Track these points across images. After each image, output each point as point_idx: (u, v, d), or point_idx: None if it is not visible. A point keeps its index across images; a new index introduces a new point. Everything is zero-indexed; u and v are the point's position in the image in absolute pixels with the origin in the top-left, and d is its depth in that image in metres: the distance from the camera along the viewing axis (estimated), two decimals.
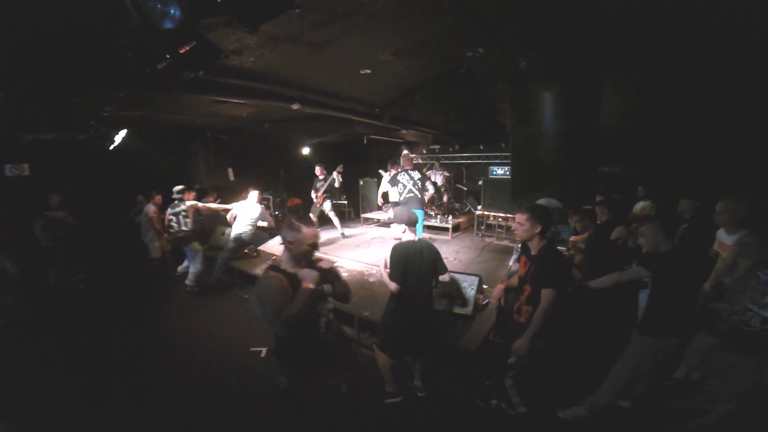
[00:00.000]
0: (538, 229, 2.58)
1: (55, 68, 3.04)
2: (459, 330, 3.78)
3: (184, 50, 1.96)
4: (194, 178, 7.25)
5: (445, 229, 7.54)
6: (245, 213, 5.64)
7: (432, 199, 8.45)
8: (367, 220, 8.71)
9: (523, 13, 3.03)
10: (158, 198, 6.08)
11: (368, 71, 4.16)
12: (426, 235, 7.79)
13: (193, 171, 7.31)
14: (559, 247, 4.67)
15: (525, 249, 2.78)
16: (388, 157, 9.85)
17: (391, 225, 2.99)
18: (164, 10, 1.51)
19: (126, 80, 3.22)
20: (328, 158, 7.81)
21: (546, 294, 2.48)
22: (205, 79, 3.58)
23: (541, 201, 3.37)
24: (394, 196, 6.75)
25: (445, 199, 8.16)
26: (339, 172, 7.17)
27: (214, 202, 6.60)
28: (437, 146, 9.09)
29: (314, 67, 3.91)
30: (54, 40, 2.69)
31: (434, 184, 8.69)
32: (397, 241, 2.91)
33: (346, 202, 9.29)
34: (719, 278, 3.08)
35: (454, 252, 6.40)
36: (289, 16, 2.75)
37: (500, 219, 7.15)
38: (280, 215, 8.43)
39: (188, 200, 5.51)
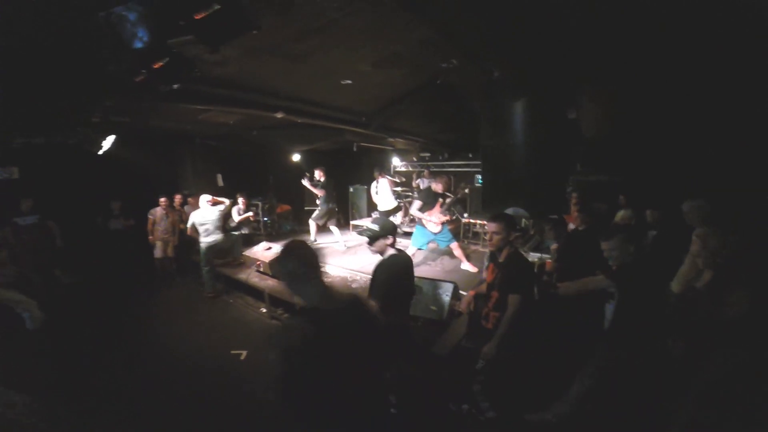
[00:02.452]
0: (512, 237, 2.71)
1: (46, 73, 3.18)
2: (433, 336, 3.89)
3: (157, 66, 2.12)
4: (182, 183, 7.40)
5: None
6: (202, 221, 5.57)
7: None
8: (356, 227, 8.85)
9: (492, 29, 3.22)
10: (163, 200, 6.25)
11: (349, 82, 4.34)
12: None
13: (182, 176, 7.46)
14: (543, 255, 4.87)
15: (493, 256, 2.89)
16: (378, 165, 10.08)
17: (377, 240, 2.74)
18: (133, 31, 1.66)
19: (112, 89, 3.38)
20: (318, 165, 7.95)
21: (513, 299, 2.58)
22: (188, 89, 3.74)
23: (509, 210, 3.51)
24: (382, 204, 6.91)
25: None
26: (320, 178, 7.27)
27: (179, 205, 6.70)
28: (427, 154, 9.26)
29: (297, 77, 4.08)
30: (46, 45, 2.82)
31: (420, 193, 8.87)
32: (385, 256, 2.77)
33: (336, 208, 9.43)
34: (690, 282, 3.24)
35: (439, 258, 6.53)
36: (268, 30, 2.94)
37: (480, 226, 7.31)
38: (269, 221, 8.56)
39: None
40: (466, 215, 7.76)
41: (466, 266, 5.65)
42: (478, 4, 2.88)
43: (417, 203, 5.61)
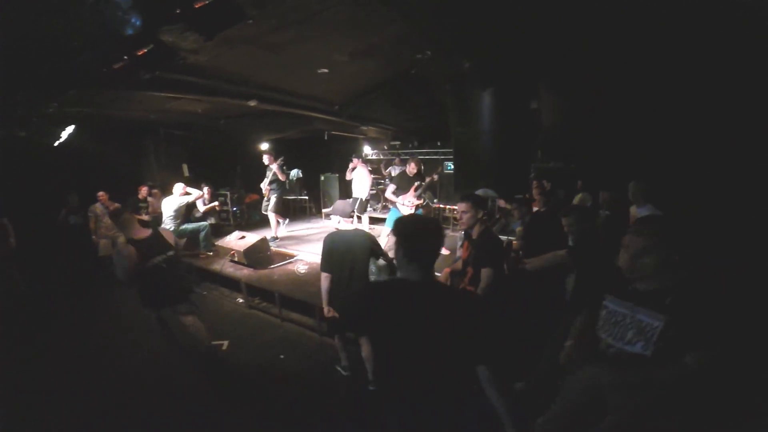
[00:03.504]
0: (480, 215, 2.92)
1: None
2: None
3: (141, 53, 2.13)
4: (147, 175, 7.13)
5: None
6: (165, 210, 5.61)
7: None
8: (327, 216, 8.94)
9: (462, 24, 3.43)
10: (102, 195, 5.90)
11: (326, 71, 4.41)
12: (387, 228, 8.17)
13: (146, 168, 7.19)
14: (509, 237, 5.22)
15: (467, 235, 3.10)
16: (350, 153, 10.16)
17: (331, 217, 3.27)
18: (125, 18, 1.68)
19: (75, 79, 3.25)
20: (286, 154, 7.91)
21: (485, 273, 2.79)
22: (161, 77, 3.67)
23: (479, 191, 3.79)
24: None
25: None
26: (280, 165, 6.88)
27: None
28: (397, 142, 9.45)
29: (272, 66, 4.10)
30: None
31: (393, 178, 9.09)
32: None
33: (306, 197, 9.46)
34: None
35: None
36: (249, 20, 2.97)
37: (456, 211, 7.64)
38: (237, 211, 8.45)
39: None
40: (435, 200, 8.07)
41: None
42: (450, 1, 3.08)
43: (392, 187, 5.80)
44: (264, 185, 6.85)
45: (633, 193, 3.85)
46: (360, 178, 7.03)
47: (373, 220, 8.65)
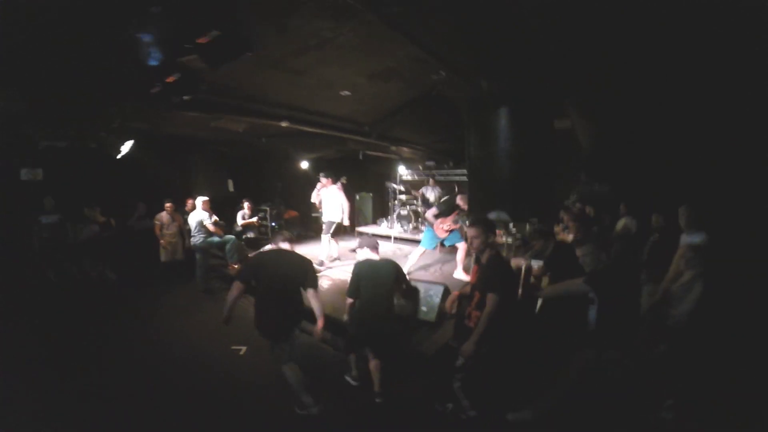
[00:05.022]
0: (491, 239, 2.95)
1: (72, 80, 3.63)
2: (423, 336, 4.13)
3: (170, 80, 2.55)
4: (195, 188, 7.92)
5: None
6: (191, 222, 6.08)
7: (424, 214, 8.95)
8: (361, 234, 9.21)
9: (474, 47, 3.59)
10: (169, 206, 6.61)
11: (348, 93, 4.76)
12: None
13: (194, 181, 8.00)
14: (536, 261, 5.08)
15: (477, 259, 3.09)
16: (385, 174, 10.48)
17: (357, 250, 3.60)
18: (148, 51, 2.08)
19: (131, 97, 3.86)
20: (325, 172, 8.38)
21: (489, 298, 2.74)
22: (200, 99, 4.22)
23: (492, 214, 3.79)
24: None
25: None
26: (343, 183, 7.34)
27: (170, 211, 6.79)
28: (432, 162, 9.60)
29: (299, 88, 4.54)
30: (72, 55, 3.25)
31: (427, 200, 9.20)
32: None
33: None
34: (667, 284, 3.46)
35: (440, 264, 6.80)
36: (269, 47, 3.39)
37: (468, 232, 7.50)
38: (276, 226, 9.00)
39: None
40: (467, 222, 8.01)
41: (459, 274, 5.89)
42: (460, 25, 3.26)
43: (434, 210, 6.02)
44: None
45: (681, 217, 3.68)
46: (332, 200, 6.70)
47: (402, 240, 8.76)
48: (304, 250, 6.39)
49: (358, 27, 3.13)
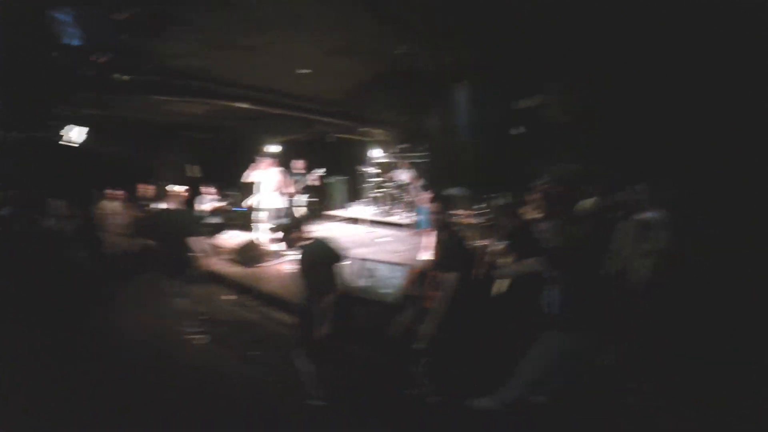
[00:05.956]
0: (449, 217, 2.99)
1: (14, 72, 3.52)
2: (387, 319, 4.14)
3: (102, 61, 2.47)
4: (161, 175, 7.75)
5: (406, 225, 7.95)
6: None
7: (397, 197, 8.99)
8: (333, 218, 9.22)
9: (437, 15, 3.56)
10: (121, 193, 6.35)
11: (308, 71, 4.68)
12: (390, 231, 8.28)
13: (160, 168, 7.82)
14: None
15: (436, 238, 3.01)
16: (359, 156, 10.40)
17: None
18: (70, 31, 2.00)
19: (72, 84, 3.72)
20: (294, 157, 8.28)
21: (449, 277, 2.68)
22: (147, 81, 4.09)
23: (453, 190, 3.84)
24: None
25: (410, 197, 8.61)
26: (320, 175, 7.51)
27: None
28: (407, 145, 9.58)
29: (255, 68, 4.44)
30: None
31: (400, 182, 9.22)
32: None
33: (316, 199, 9.78)
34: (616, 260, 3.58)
35: (411, 246, 6.87)
36: (215, 24, 3.30)
37: (461, 216, 7.61)
38: (246, 211, 8.87)
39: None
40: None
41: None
42: None
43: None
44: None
45: (646, 196, 3.63)
46: (272, 184, 6.32)
47: (375, 224, 8.77)
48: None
49: (310, 3, 3.08)
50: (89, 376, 3.59)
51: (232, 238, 6.11)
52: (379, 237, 7.68)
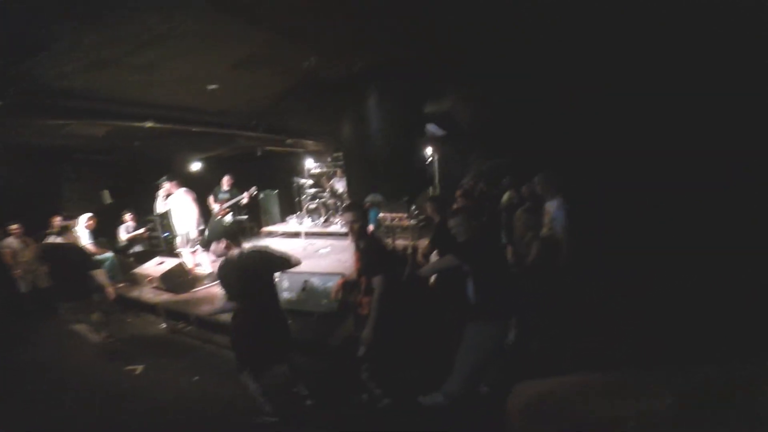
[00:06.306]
0: (366, 225, 2.99)
1: None
2: (327, 329, 4.16)
3: None
4: (64, 203, 7.09)
5: (346, 235, 7.99)
6: None
7: (334, 207, 9.00)
8: (270, 234, 8.98)
9: (335, 28, 3.61)
10: (15, 228, 5.77)
11: (215, 86, 4.53)
12: (330, 242, 8.26)
13: (62, 196, 7.16)
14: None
15: (357, 246, 3.06)
16: (293, 168, 10.25)
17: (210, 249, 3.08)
18: None
19: None
20: (222, 174, 7.98)
21: (376, 282, 2.73)
22: (31, 103, 3.75)
23: (368, 198, 3.92)
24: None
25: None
26: (251, 194, 7.31)
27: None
28: (340, 153, 9.61)
29: (154, 86, 4.21)
30: None
31: (336, 191, 9.23)
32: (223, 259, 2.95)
33: (246, 217, 9.47)
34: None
35: (350, 255, 6.89)
36: (95, 44, 3.09)
37: (396, 220, 7.77)
38: (170, 236, 8.39)
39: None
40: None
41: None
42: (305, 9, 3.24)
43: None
44: (222, 205, 6.92)
45: (542, 186, 3.92)
46: (182, 208, 6.01)
47: (313, 235, 8.71)
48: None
49: (194, 18, 2.98)
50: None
51: (159, 265, 5.78)
52: (319, 249, 7.67)
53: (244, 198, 7.32)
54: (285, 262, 3.11)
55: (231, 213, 7.24)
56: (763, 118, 4.18)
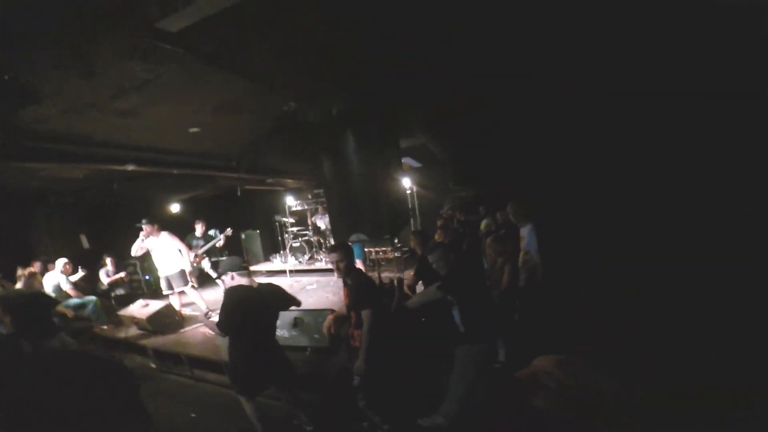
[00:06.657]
0: (352, 263, 3.16)
1: None
2: (321, 363, 4.32)
3: None
4: (39, 248, 6.96)
5: (331, 270, 8.02)
6: (46, 287, 5.61)
7: (317, 243, 9.08)
8: (254, 273, 8.92)
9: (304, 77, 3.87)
10: None
11: (197, 129, 4.70)
12: (315, 278, 8.29)
13: (38, 240, 7.04)
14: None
15: (345, 282, 3.24)
16: (273, 207, 10.36)
17: (223, 278, 3.21)
18: None
19: None
20: (202, 214, 8.02)
21: (364, 315, 2.92)
22: (16, 146, 3.83)
23: (353, 237, 4.04)
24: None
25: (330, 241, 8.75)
26: (227, 235, 7.51)
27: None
28: (320, 190, 9.79)
29: (136, 130, 4.34)
30: None
31: (318, 228, 9.34)
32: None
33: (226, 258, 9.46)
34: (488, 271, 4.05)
35: (336, 291, 6.91)
36: (82, 90, 3.24)
37: (381, 253, 7.85)
38: (151, 279, 8.29)
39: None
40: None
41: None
42: (285, 57, 3.49)
43: None
44: (198, 252, 7.13)
45: (513, 214, 4.24)
46: (166, 248, 6.06)
47: (298, 273, 8.74)
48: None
49: (177, 66, 3.18)
50: None
51: (144, 308, 5.76)
52: (305, 285, 7.70)
53: (220, 240, 7.44)
54: (293, 301, 3.43)
55: (207, 258, 7.33)
56: (762, 119, 4.46)
